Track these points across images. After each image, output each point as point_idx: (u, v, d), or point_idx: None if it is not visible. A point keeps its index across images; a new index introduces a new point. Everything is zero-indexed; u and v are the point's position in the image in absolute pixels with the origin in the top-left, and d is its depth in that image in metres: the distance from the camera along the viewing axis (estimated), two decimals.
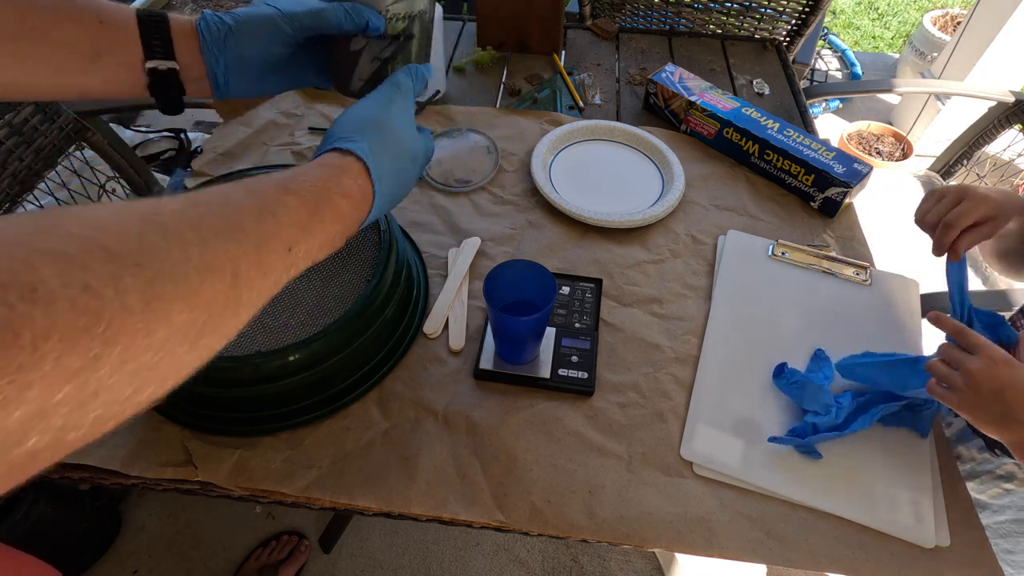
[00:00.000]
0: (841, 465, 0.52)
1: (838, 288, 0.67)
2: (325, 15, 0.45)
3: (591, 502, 0.51)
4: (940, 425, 0.56)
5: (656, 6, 1.28)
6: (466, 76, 0.99)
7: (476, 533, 1.16)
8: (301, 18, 0.45)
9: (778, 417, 0.56)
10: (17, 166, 0.86)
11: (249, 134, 0.85)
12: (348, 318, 0.52)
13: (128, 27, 0.41)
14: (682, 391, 0.59)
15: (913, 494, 0.51)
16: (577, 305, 0.64)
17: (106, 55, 0.40)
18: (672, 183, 0.78)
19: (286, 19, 0.45)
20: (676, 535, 0.49)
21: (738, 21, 1.25)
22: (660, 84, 0.87)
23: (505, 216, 0.75)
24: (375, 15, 0.47)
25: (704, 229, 0.74)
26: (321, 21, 0.45)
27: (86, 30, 0.39)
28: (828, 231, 0.75)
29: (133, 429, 0.54)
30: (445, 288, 0.66)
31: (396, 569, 1.12)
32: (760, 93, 0.98)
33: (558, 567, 1.13)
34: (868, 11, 2.98)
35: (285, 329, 0.52)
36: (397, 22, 0.49)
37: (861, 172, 0.74)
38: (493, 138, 0.84)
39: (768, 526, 0.50)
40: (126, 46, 0.41)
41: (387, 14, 0.48)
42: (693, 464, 0.53)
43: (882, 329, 0.63)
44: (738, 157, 0.83)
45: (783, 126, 0.80)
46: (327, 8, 0.45)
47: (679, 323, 0.64)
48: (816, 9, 1.14)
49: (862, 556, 0.48)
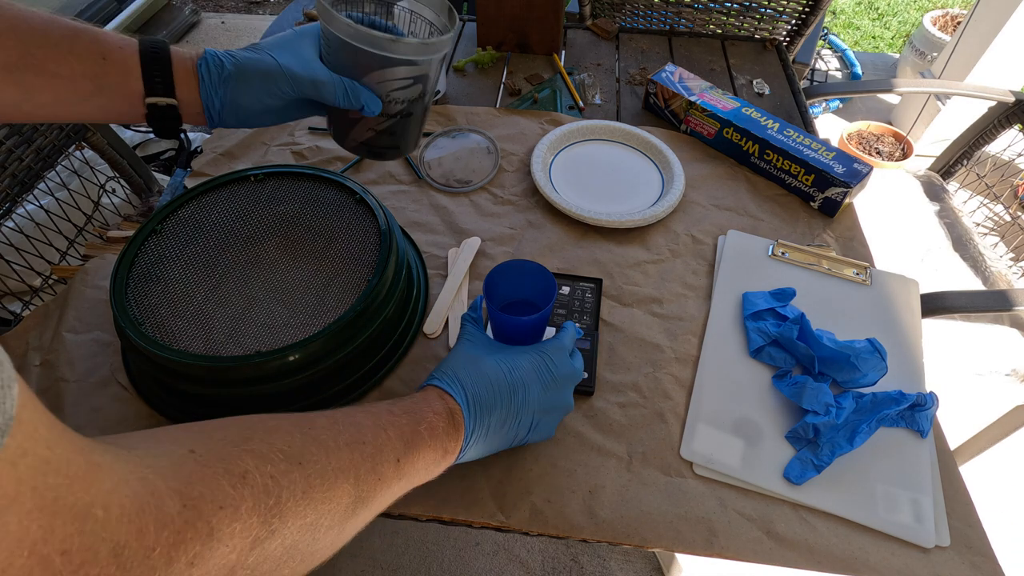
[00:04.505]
0: (841, 465, 0.52)
1: (838, 288, 0.67)
2: (324, 89, 0.45)
3: (591, 502, 0.51)
4: (940, 425, 0.56)
5: (656, 6, 1.28)
6: (466, 76, 0.99)
7: (476, 533, 1.16)
8: (300, 82, 0.45)
9: (778, 417, 0.56)
10: (17, 166, 0.86)
11: (249, 134, 0.85)
12: (348, 318, 0.52)
13: (130, 63, 0.42)
14: (682, 391, 0.59)
15: (913, 494, 0.51)
16: (577, 305, 0.64)
17: (107, 89, 0.41)
18: (672, 183, 0.78)
19: (286, 79, 0.45)
20: (676, 535, 0.49)
21: (738, 21, 1.25)
22: (660, 84, 0.87)
23: (505, 216, 0.75)
24: (372, 99, 0.46)
25: (704, 229, 0.74)
26: (319, 92, 0.46)
27: (89, 66, 0.40)
28: (828, 231, 0.75)
29: (133, 429, 0.54)
30: (445, 288, 0.66)
31: (396, 569, 1.12)
32: (760, 93, 0.98)
33: (558, 567, 1.13)
34: (868, 11, 2.98)
35: (285, 329, 0.52)
36: (396, 104, 0.48)
37: (861, 172, 0.74)
38: (493, 138, 0.84)
39: (768, 526, 0.50)
40: (127, 81, 0.42)
41: (387, 98, 0.47)
42: (693, 464, 0.53)
43: (882, 329, 0.63)
44: (738, 157, 0.83)
45: (783, 126, 0.80)
46: (327, 83, 0.45)
47: (679, 323, 0.64)
48: (816, 9, 1.14)
49: (862, 556, 0.48)
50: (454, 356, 0.47)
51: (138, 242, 0.57)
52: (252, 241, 0.58)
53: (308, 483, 0.29)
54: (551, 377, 0.47)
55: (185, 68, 0.43)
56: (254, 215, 0.60)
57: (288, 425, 0.32)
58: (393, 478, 0.37)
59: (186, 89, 0.44)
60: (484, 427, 0.44)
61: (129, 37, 0.42)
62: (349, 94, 0.46)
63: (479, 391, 0.44)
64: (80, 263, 0.95)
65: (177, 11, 2.57)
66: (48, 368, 0.58)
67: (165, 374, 0.51)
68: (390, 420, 0.38)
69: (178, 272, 0.55)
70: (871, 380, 0.56)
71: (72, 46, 0.39)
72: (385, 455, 0.36)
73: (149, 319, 0.52)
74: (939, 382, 0.66)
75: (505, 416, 0.45)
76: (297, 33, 0.47)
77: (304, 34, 0.47)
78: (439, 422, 0.41)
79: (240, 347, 0.50)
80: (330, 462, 0.32)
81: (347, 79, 0.46)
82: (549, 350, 0.48)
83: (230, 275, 0.55)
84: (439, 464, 0.42)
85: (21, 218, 0.93)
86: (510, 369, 0.46)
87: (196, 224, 0.59)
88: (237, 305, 0.53)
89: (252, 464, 0.27)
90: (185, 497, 0.23)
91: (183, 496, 0.23)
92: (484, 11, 0.99)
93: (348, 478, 0.33)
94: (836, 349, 0.56)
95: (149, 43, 0.43)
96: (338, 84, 0.45)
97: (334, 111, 0.50)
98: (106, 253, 0.70)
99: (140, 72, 0.42)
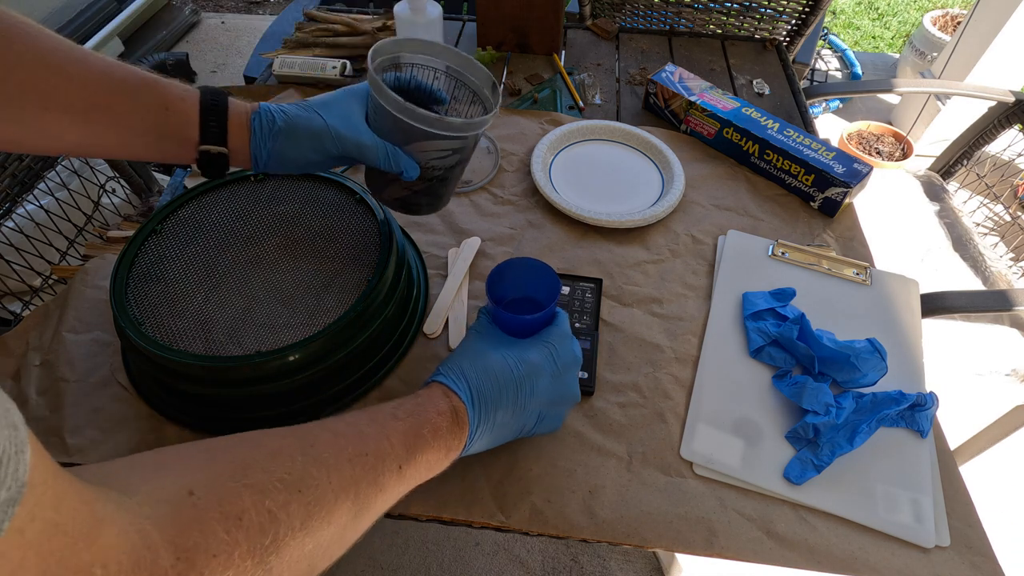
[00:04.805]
0: (841, 465, 0.52)
1: (838, 288, 0.67)
2: (367, 152, 0.48)
3: (591, 502, 0.51)
4: (940, 425, 0.56)
5: (656, 6, 1.28)
6: None
7: (476, 533, 1.16)
8: (345, 143, 0.48)
9: (778, 417, 0.56)
10: (17, 166, 0.86)
11: None
12: (348, 318, 0.52)
13: (190, 114, 0.45)
14: (682, 391, 0.59)
15: (913, 494, 0.51)
16: (577, 305, 0.64)
17: (166, 137, 0.45)
18: (672, 183, 0.78)
19: (332, 139, 0.47)
20: (676, 535, 0.49)
21: (738, 21, 1.25)
22: (660, 84, 0.87)
23: (505, 216, 0.75)
24: (412, 166, 0.49)
25: (704, 229, 0.74)
26: (362, 155, 0.48)
27: (152, 116, 0.43)
28: (828, 231, 0.75)
29: (133, 429, 0.54)
30: (445, 288, 0.66)
31: (396, 569, 1.12)
32: (760, 93, 0.98)
33: (558, 567, 1.13)
34: (868, 11, 2.98)
35: (285, 329, 0.52)
36: (434, 171, 0.51)
37: (861, 172, 0.74)
38: (493, 138, 0.84)
39: (768, 526, 0.50)
40: (185, 129, 0.45)
41: (426, 164, 0.50)
42: (693, 464, 0.53)
43: (882, 329, 0.63)
44: (738, 157, 0.83)
45: (783, 126, 0.80)
46: (370, 147, 0.48)
47: (679, 323, 0.64)
48: (816, 9, 1.14)
49: (862, 556, 0.48)
50: (461, 350, 0.47)
51: (138, 242, 0.57)
52: (252, 241, 0.58)
53: (308, 512, 0.30)
54: (558, 368, 0.47)
55: (239, 121, 0.46)
56: (254, 215, 0.60)
57: (290, 447, 0.32)
58: (395, 485, 0.37)
59: (238, 140, 0.47)
60: (489, 422, 0.44)
61: (191, 88, 0.46)
62: (390, 159, 0.48)
63: (484, 387, 0.44)
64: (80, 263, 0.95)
65: (177, 11, 2.57)
66: (48, 368, 0.58)
67: (165, 374, 0.51)
68: (394, 426, 0.38)
69: (178, 272, 0.55)
70: (871, 380, 0.56)
71: (138, 96, 0.43)
72: (387, 464, 0.36)
73: (149, 319, 0.52)
74: (939, 382, 0.66)
75: (512, 410, 0.45)
76: (347, 92, 0.49)
77: (353, 94, 0.49)
78: (443, 422, 0.41)
79: (240, 347, 0.50)
80: (331, 481, 0.32)
81: (390, 144, 0.48)
82: (554, 339, 0.48)
83: (230, 275, 0.55)
84: (441, 463, 0.42)
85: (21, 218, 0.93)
86: (517, 362, 0.46)
87: (196, 224, 0.59)
88: (237, 305, 0.53)
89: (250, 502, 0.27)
90: (179, 549, 0.24)
91: (177, 548, 0.24)
92: (484, 11, 0.99)
93: (349, 495, 0.33)
94: (836, 349, 0.56)
95: (211, 95, 0.46)
96: (380, 149, 0.48)
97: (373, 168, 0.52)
98: (106, 253, 0.70)
99: (198, 122, 0.45)
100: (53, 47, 0.40)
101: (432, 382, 0.45)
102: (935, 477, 0.52)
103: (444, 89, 0.54)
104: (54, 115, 0.40)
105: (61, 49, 0.40)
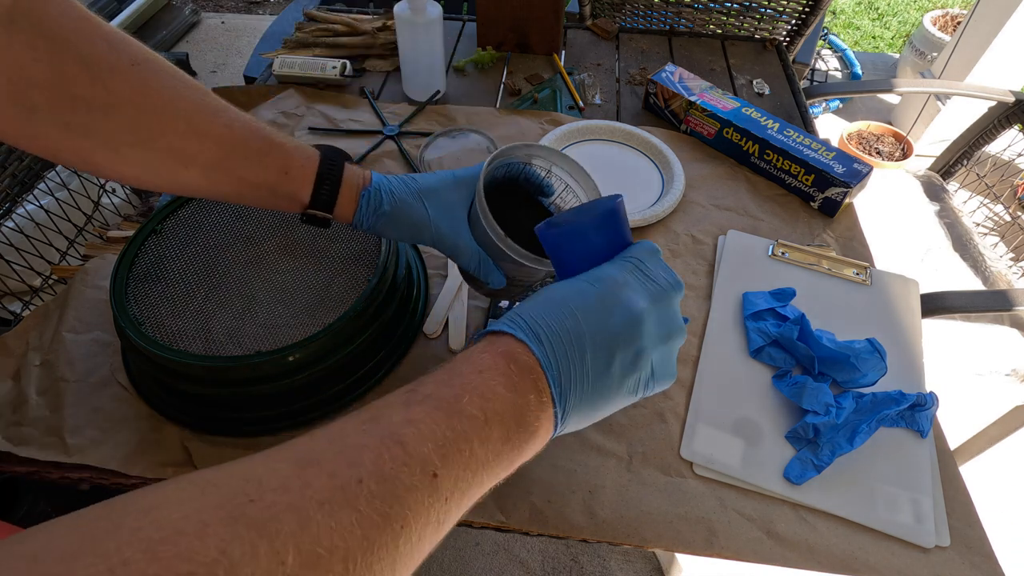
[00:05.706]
0: (840, 464, 0.52)
1: (838, 288, 0.67)
2: (461, 256, 0.49)
3: (591, 502, 0.51)
4: (940, 425, 0.56)
5: (656, 6, 1.28)
6: (466, 76, 0.99)
7: (476, 533, 1.16)
8: (443, 241, 0.48)
9: (778, 417, 0.56)
10: (17, 166, 0.86)
11: None
12: (348, 318, 0.52)
13: (307, 179, 0.46)
14: (682, 391, 0.59)
15: (913, 494, 0.51)
16: None
17: (280, 195, 0.46)
18: (672, 183, 0.78)
19: (431, 233, 0.48)
20: (676, 535, 0.49)
21: (738, 21, 1.25)
22: (660, 84, 0.87)
23: None
24: (499, 277, 0.49)
25: (704, 229, 0.74)
26: (456, 256, 0.49)
27: (272, 176, 0.45)
28: (828, 231, 0.75)
29: (133, 429, 0.54)
30: (445, 288, 0.66)
31: None
32: (760, 93, 0.98)
33: (558, 567, 1.13)
34: (868, 11, 2.98)
35: (285, 329, 0.52)
36: (520, 284, 0.52)
37: (861, 172, 0.74)
38: (493, 138, 0.84)
39: (768, 526, 0.50)
40: (299, 193, 0.46)
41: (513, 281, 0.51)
42: (693, 464, 0.53)
43: (882, 329, 0.63)
44: (738, 157, 0.83)
45: (783, 126, 0.80)
46: (464, 252, 0.48)
47: None
48: (816, 9, 1.14)
49: (862, 556, 0.48)
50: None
51: (138, 242, 0.57)
52: (252, 241, 0.58)
53: None
54: (658, 286, 0.35)
55: (350, 195, 0.47)
56: (254, 215, 0.60)
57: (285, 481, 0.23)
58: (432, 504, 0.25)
59: (344, 208, 0.47)
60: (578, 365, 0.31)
61: (312, 152, 0.46)
62: (481, 268, 0.49)
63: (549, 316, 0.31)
64: (80, 263, 0.95)
65: (177, 11, 2.57)
66: (48, 368, 0.58)
67: (165, 374, 0.51)
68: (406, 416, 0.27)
69: (178, 272, 0.55)
70: (871, 380, 0.56)
71: (262, 158, 0.44)
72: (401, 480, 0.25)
73: (149, 319, 0.52)
74: (939, 382, 0.66)
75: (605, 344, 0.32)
76: (455, 180, 0.49)
77: (461, 183, 0.49)
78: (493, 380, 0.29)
79: (240, 347, 0.50)
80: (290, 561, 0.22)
81: (484, 253, 0.48)
82: (638, 253, 0.36)
83: (230, 275, 0.55)
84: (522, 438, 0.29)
85: (21, 218, 0.93)
86: (591, 280, 0.34)
87: (196, 224, 0.59)
88: (237, 305, 0.53)
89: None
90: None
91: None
92: (484, 11, 0.99)
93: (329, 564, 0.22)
94: (836, 349, 0.56)
95: (329, 163, 0.46)
96: (474, 257, 0.48)
97: None
98: (106, 253, 0.70)
99: (312, 188, 0.46)
100: (188, 97, 0.41)
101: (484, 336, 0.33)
102: (935, 477, 0.52)
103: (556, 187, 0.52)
104: (180, 166, 0.42)
105: (194, 99, 0.41)
